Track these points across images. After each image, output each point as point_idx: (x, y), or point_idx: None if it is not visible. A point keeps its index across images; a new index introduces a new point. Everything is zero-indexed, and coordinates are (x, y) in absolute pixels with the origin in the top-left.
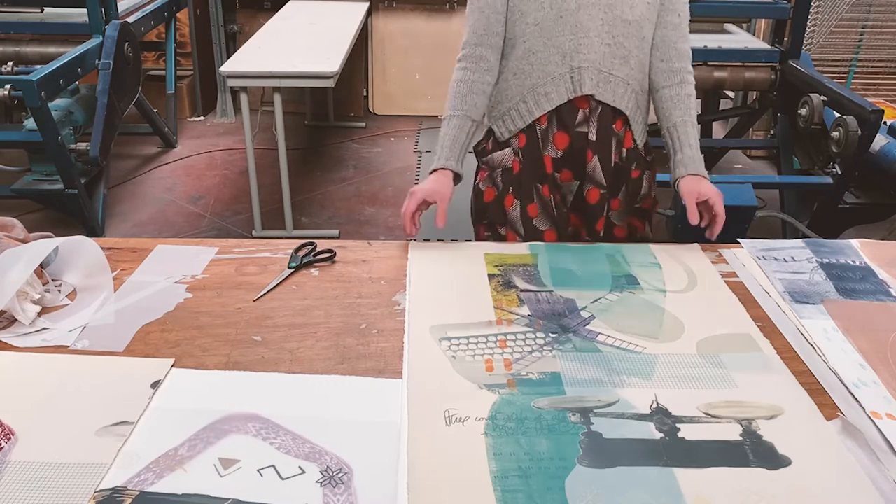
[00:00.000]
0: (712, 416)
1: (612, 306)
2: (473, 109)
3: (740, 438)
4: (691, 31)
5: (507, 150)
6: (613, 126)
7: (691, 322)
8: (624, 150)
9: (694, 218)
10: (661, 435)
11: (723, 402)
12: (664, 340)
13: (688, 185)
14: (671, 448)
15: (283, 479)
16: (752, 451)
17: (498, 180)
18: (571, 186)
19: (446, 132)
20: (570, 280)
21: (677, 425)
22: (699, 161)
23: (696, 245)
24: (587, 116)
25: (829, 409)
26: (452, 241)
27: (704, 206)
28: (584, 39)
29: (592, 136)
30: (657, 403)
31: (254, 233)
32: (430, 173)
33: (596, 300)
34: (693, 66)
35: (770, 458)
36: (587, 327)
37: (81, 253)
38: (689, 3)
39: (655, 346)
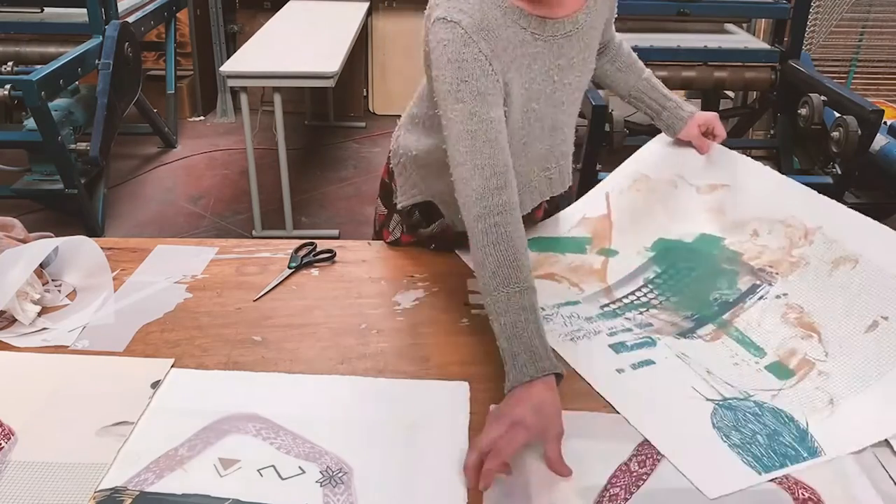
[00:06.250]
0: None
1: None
2: (530, 276)
3: None
4: (691, 31)
5: (442, 223)
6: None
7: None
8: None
9: (706, 148)
10: None
11: None
12: None
13: (692, 124)
14: None
15: (283, 479)
16: None
17: (423, 237)
18: None
19: (523, 315)
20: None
21: None
22: (685, 104)
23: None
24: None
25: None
26: None
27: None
28: (559, 137)
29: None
30: None
31: (254, 233)
32: (516, 388)
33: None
34: (693, 65)
35: None
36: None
37: (81, 253)
38: (690, 3)
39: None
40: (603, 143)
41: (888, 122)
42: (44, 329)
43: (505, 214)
